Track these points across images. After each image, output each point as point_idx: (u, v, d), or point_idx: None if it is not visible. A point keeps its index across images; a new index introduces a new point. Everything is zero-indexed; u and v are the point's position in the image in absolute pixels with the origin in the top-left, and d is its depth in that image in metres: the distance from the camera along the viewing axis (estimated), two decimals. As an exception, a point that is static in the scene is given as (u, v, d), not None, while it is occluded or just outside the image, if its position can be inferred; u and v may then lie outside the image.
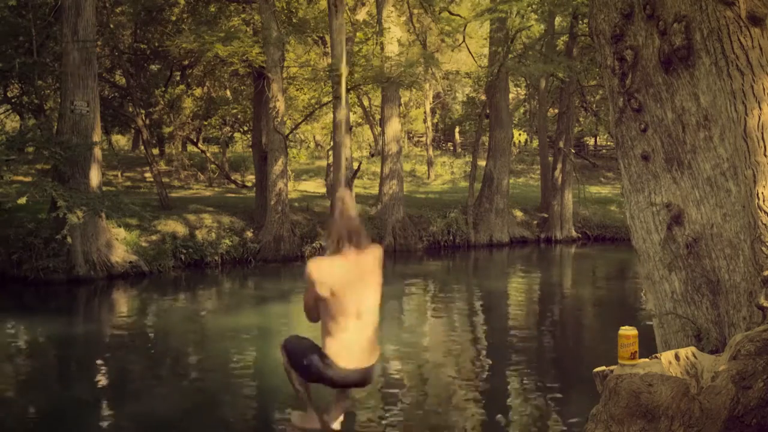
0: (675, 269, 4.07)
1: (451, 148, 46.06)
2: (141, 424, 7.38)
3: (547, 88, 27.63)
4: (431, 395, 8.23)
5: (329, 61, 21.67)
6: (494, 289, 16.12)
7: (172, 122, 27.33)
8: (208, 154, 31.04)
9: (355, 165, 21.59)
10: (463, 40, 25.75)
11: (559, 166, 24.63)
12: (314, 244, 20.29)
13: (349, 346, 3.65)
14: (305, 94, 27.99)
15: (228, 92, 29.55)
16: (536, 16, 24.67)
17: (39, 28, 17.40)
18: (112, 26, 22.73)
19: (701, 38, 3.72)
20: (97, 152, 16.16)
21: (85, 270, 15.38)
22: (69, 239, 14.41)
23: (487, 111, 25.00)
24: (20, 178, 20.26)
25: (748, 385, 2.96)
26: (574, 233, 24.51)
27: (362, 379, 3.77)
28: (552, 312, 12.80)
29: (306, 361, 3.75)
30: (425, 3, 23.52)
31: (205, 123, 28.93)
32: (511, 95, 29.22)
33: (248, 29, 22.54)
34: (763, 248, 3.44)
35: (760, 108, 3.50)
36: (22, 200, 14.48)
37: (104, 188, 17.39)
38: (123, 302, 14.29)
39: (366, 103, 33.24)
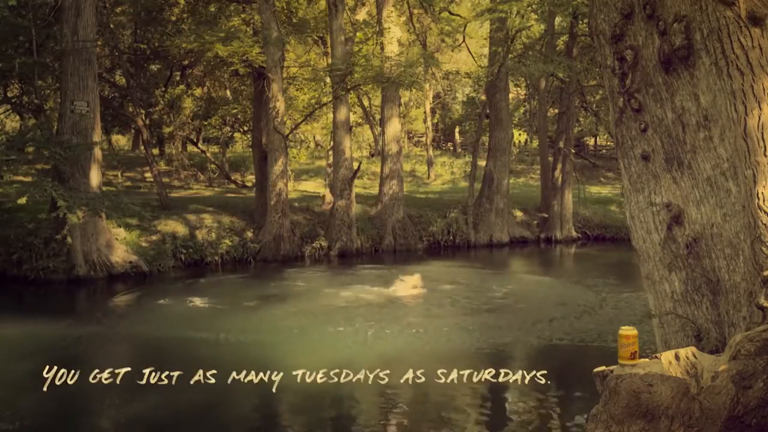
0: (675, 269, 4.06)
1: (451, 148, 46.07)
2: (140, 424, 7.38)
3: (547, 88, 27.62)
4: (431, 395, 8.23)
5: (329, 61, 21.68)
6: (493, 289, 16.11)
7: (172, 122, 27.35)
8: (208, 154, 31.04)
9: (355, 165, 21.58)
10: (463, 40, 25.78)
11: (559, 166, 24.63)
12: (314, 244, 20.27)
13: None
14: (305, 94, 27.98)
15: (228, 92, 29.57)
16: (536, 16, 24.69)
17: (39, 28, 17.40)
18: (112, 26, 22.73)
19: (701, 38, 3.72)
20: (97, 152, 16.17)
21: (85, 270, 15.38)
22: (69, 239, 14.44)
23: (487, 111, 25.00)
24: (20, 178, 20.25)
25: (748, 385, 2.95)
26: (574, 233, 24.50)
27: None
28: (551, 312, 12.80)
29: None
30: (425, 3, 23.52)
31: (205, 123, 28.94)
32: (511, 95, 29.21)
33: (248, 29, 22.54)
34: (763, 248, 3.44)
35: (760, 108, 3.49)
36: (22, 200, 14.50)
37: (104, 188, 17.41)
38: (123, 302, 14.28)
39: (366, 103, 33.24)
